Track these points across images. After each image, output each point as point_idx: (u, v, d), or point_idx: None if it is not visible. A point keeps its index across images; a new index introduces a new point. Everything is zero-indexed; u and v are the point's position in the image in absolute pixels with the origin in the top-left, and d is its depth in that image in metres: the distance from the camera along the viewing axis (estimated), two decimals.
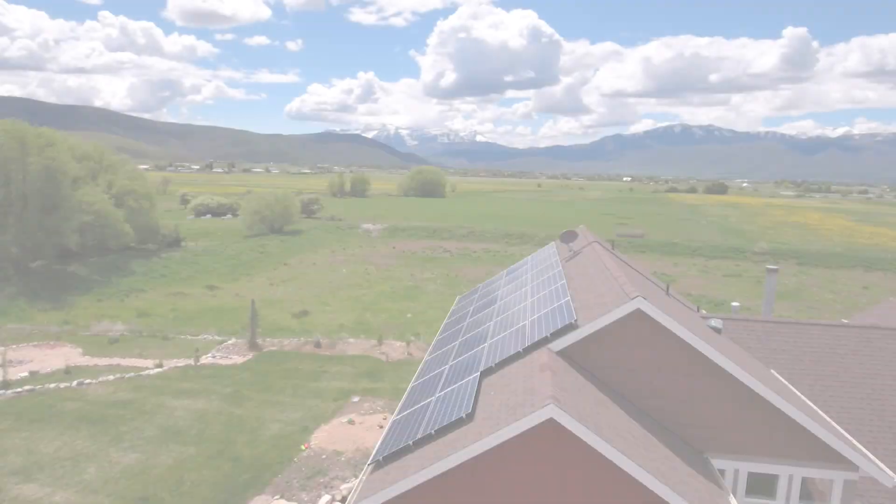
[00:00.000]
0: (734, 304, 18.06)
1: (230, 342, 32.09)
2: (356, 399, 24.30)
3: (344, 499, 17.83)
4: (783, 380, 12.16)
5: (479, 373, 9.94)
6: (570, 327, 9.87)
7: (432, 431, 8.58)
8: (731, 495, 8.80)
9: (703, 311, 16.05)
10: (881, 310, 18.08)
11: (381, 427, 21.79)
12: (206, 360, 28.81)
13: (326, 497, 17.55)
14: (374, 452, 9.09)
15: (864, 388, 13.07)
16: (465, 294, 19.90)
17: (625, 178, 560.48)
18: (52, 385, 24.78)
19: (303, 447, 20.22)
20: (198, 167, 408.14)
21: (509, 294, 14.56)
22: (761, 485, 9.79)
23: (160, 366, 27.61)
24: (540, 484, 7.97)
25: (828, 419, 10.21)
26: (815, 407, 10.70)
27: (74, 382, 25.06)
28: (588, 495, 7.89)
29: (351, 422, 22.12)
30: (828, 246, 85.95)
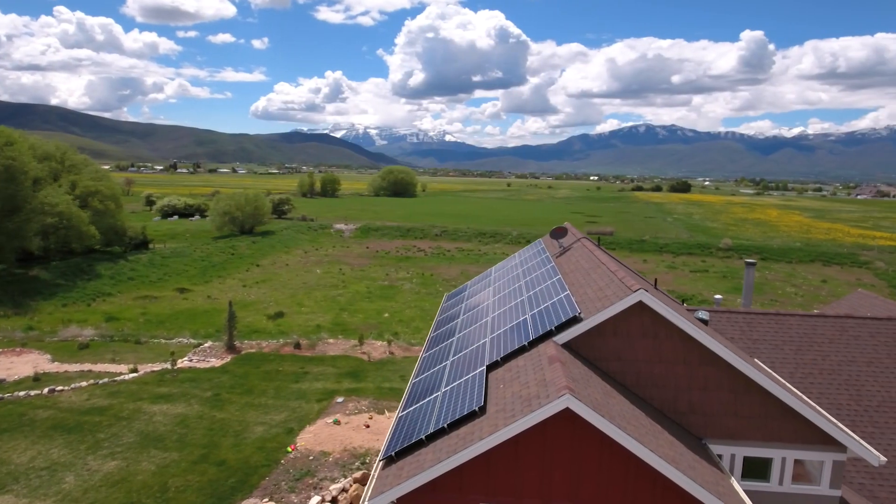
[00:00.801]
0: (717, 296, 18.67)
1: (206, 345, 31.46)
2: (340, 399, 24.15)
3: (334, 499, 17.72)
4: (767, 368, 12.63)
5: (485, 367, 10.05)
6: (575, 320, 10.08)
7: (445, 425, 8.65)
8: (733, 478, 9.16)
9: (685, 305, 16.51)
10: (851, 300, 18.92)
11: (368, 427, 21.71)
12: (182, 363, 28.18)
13: (316, 498, 17.40)
14: (384, 448, 9.10)
15: (841, 374, 13.68)
16: (452, 292, 20.00)
17: (592, 177, 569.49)
18: (22, 393, 23.88)
19: (289, 449, 20.00)
20: (161, 167, 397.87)
21: (502, 290, 14.70)
22: (755, 468, 10.18)
23: (135, 370, 26.89)
24: (554, 472, 8.14)
25: (813, 404, 10.67)
26: (799, 393, 11.17)
27: (45, 390, 24.20)
28: (602, 482, 8.10)
29: (337, 422, 21.97)
30: (787, 242, 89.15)
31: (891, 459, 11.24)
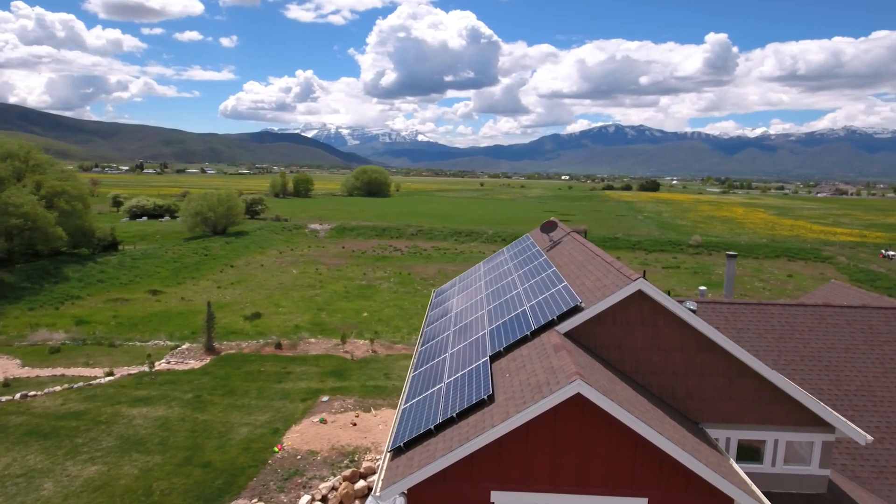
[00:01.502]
0: (701, 287, 19.14)
1: (184, 347, 30.83)
2: (325, 398, 23.94)
3: (324, 498, 17.59)
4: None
5: (487, 357, 10.13)
6: (577, 310, 10.24)
7: (454, 415, 8.69)
8: (732, 459, 9.43)
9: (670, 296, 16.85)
10: (826, 290, 19.64)
11: (355, 425, 21.59)
12: (160, 366, 27.55)
13: (306, 497, 17.24)
14: (391, 440, 9.09)
15: (821, 360, 14.19)
16: (441, 287, 20.05)
17: (563, 177, 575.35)
18: None
19: (276, 449, 19.76)
20: (127, 168, 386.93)
21: (495, 284, 14.81)
22: (749, 451, 10.51)
23: (111, 374, 26.19)
24: (564, 457, 8.26)
25: (800, 388, 11.04)
26: (786, 378, 11.54)
27: (17, 395, 23.38)
28: (610, 465, 8.26)
29: (323, 421, 21.78)
30: (754, 238, 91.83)
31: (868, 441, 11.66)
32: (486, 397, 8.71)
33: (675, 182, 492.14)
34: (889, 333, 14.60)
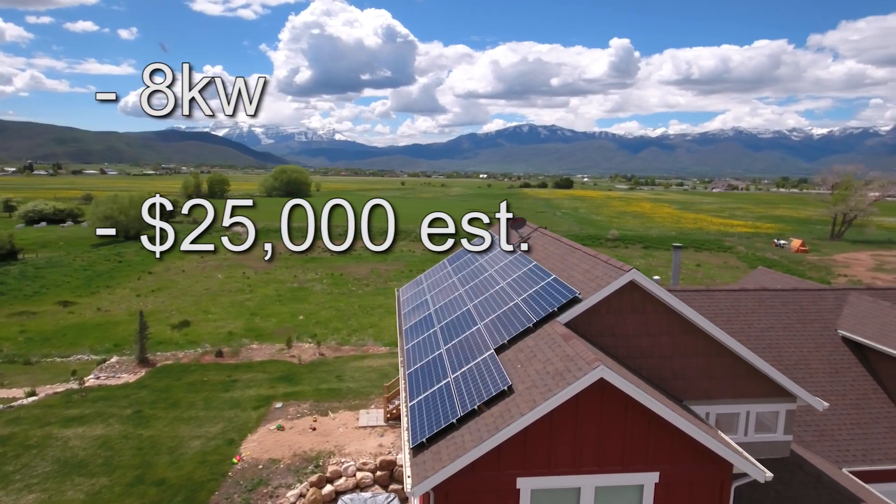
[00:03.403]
0: (655, 277, 20.39)
1: (113, 360, 28.79)
2: (279, 405, 23.23)
3: None
4: None
5: (493, 350, 10.40)
6: (575, 301, 10.74)
7: (475, 407, 8.88)
8: (720, 432, 10.31)
9: None
10: (755, 276, 21.61)
11: (314, 429, 21.11)
12: (90, 381, 25.58)
13: None
14: (410, 437, 9.11)
15: (764, 339, 15.68)
16: (406, 286, 20.02)
17: (481, 175, 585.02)
18: None
19: (234, 460, 18.99)
20: (13, 169, 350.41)
21: (471, 280, 15.09)
22: (724, 423, 11.51)
23: (33, 394, 23.98)
24: (585, 439, 8.71)
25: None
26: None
27: None
28: (627, 442, 8.81)
29: (280, 428, 21.14)
30: (663, 231, 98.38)
31: (809, 409, 12.98)
32: (505, 388, 8.99)
33: (586, 179, 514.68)
34: (817, 312, 16.40)
